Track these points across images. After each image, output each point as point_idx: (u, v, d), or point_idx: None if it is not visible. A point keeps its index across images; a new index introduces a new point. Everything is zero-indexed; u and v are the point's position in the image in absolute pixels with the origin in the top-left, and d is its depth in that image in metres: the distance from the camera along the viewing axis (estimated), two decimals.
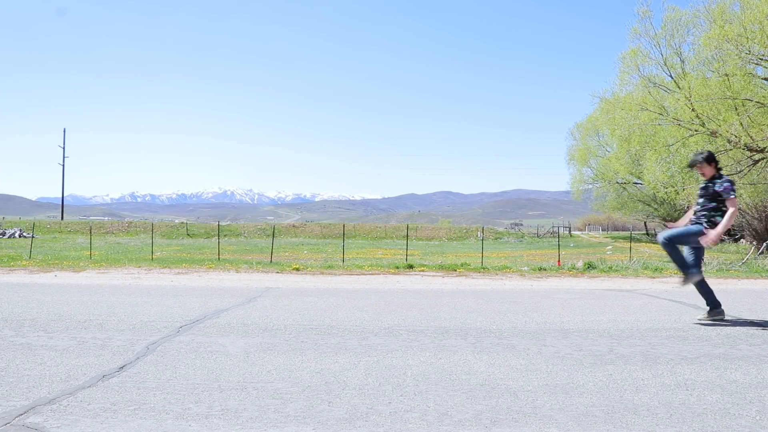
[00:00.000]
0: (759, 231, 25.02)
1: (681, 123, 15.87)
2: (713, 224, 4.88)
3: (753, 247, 20.42)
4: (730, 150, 15.42)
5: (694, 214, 5.13)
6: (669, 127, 17.12)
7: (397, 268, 11.22)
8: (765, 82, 16.21)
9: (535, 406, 2.63)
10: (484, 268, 11.46)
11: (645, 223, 56.13)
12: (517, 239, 47.39)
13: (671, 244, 5.02)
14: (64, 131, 61.95)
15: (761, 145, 14.86)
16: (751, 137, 14.64)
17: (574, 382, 3.04)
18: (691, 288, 5.26)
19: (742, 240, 31.65)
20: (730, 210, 4.83)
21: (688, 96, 15.37)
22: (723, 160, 16.28)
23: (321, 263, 12.98)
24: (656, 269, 11.31)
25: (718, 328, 4.71)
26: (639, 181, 37.10)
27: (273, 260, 14.00)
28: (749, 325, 4.87)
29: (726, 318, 5.09)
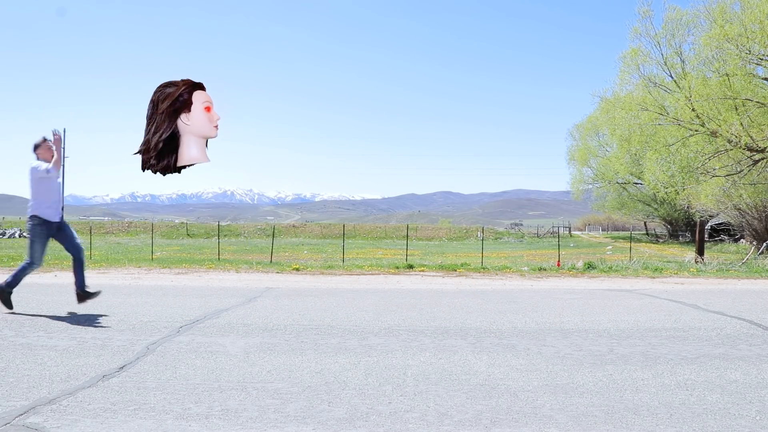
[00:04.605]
0: (759, 231, 24.99)
1: (681, 123, 15.87)
2: None
3: (753, 247, 20.41)
4: (730, 150, 15.42)
5: None
6: (669, 127, 17.12)
7: (397, 268, 11.22)
8: (765, 82, 16.20)
9: (535, 406, 2.63)
10: (484, 268, 11.45)
11: (645, 223, 56.12)
12: (517, 239, 47.40)
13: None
14: (64, 131, 61.87)
15: (761, 145, 14.86)
16: (751, 137, 14.63)
17: (574, 382, 3.04)
18: (690, 288, 5.26)
19: (742, 240, 31.63)
20: None
21: (688, 96, 15.37)
22: (723, 160, 16.29)
23: (321, 263, 12.98)
24: (656, 269, 11.31)
25: (718, 328, 4.71)
26: (639, 181, 37.10)
27: (273, 260, 14.00)
28: (749, 325, 4.87)
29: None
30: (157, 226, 50.18)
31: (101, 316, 4.99)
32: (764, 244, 19.04)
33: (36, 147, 5.25)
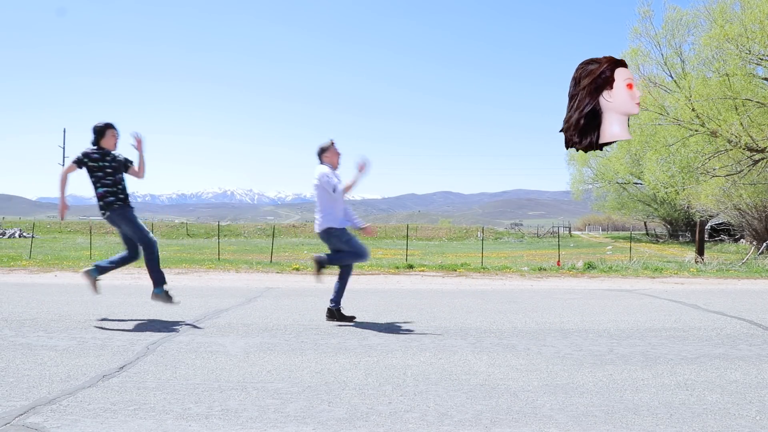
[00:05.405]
0: (759, 231, 25.00)
1: (681, 123, 15.87)
2: None
3: (753, 247, 20.41)
4: (730, 150, 15.42)
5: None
6: (669, 127, 17.11)
7: (397, 268, 11.22)
8: (765, 82, 16.21)
9: (535, 406, 2.63)
10: (484, 268, 11.45)
11: (645, 223, 56.15)
12: (517, 239, 47.41)
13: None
14: (64, 131, 61.74)
15: (761, 145, 14.85)
16: (751, 137, 14.63)
17: (574, 382, 3.04)
18: (690, 288, 5.26)
19: (742, 240, 31.63)
20: None
21: (688, 96, 15.36)
22: (723, 160, 16.29)
23: None
24: (656, 269, 11.31)
25: (718, 328, 4.71)
26: (639, 181, 37.10)
27: (273, 260, 14.00)
28: (749, 325, 4.87)
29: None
30: (157, 226, 50.19)
31: (101, 316, 4.99)
32: (764, 244, 19.04)
33: (323, 150, 4.95)
